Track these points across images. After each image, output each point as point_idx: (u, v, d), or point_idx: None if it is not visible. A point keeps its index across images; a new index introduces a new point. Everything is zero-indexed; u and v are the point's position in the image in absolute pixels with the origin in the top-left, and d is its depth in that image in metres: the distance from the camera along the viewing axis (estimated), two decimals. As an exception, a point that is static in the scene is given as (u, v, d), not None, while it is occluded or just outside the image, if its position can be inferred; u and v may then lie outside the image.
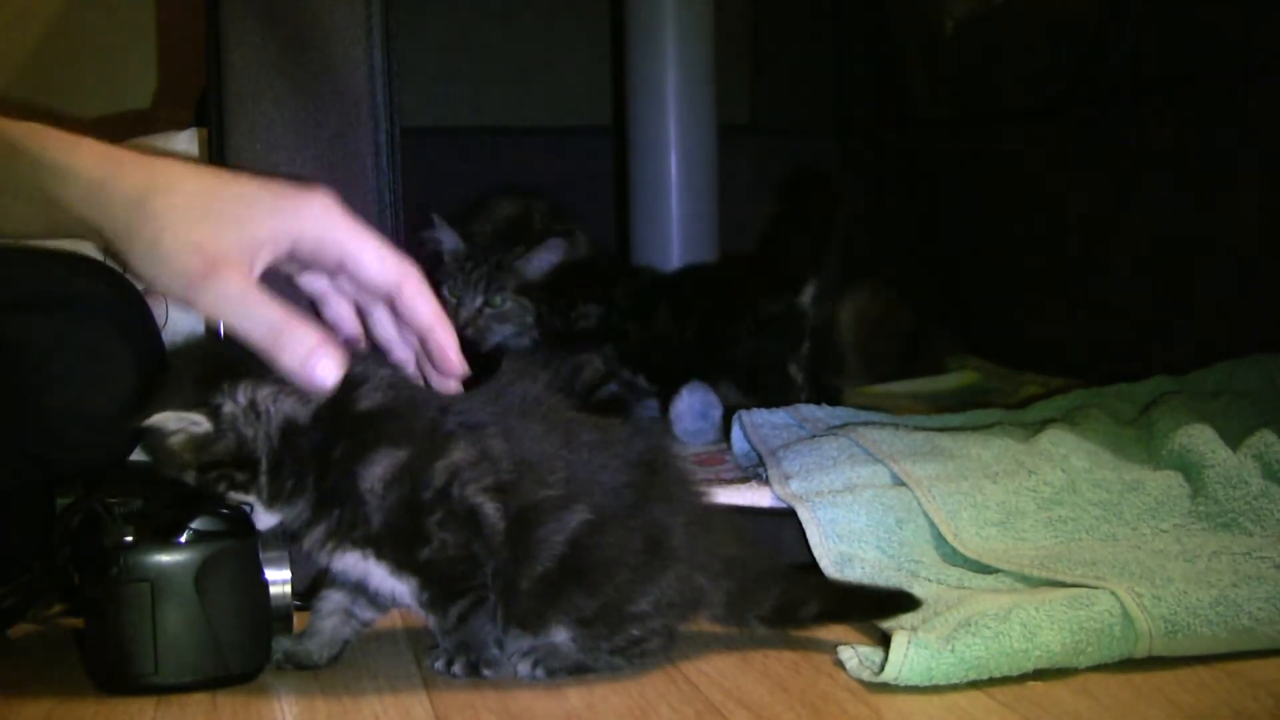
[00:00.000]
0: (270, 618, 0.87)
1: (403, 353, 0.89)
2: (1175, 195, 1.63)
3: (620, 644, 0.85)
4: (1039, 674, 0.83)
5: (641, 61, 2.02)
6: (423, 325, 0.85)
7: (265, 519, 0.84)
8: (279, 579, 0.88)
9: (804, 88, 2.57)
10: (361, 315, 0.90)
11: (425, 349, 0.87)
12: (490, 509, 0.82)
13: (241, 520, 0.84)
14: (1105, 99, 1.78)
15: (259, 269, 0.80)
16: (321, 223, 0.82)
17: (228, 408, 0.81)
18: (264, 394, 0.82)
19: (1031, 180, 1.98)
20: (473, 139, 2.28)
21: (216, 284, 0.78)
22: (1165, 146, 1.65)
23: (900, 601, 0.88)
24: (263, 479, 0.82)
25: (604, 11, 2.30)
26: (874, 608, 0.90)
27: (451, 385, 0.87)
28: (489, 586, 0.83)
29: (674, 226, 2.01)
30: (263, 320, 0.78)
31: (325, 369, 0.78)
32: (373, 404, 0.83)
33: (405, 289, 0.84)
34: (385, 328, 0.89)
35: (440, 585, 0.83)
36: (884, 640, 0.83)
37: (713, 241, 2.05)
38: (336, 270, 0.85)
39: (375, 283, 0.84)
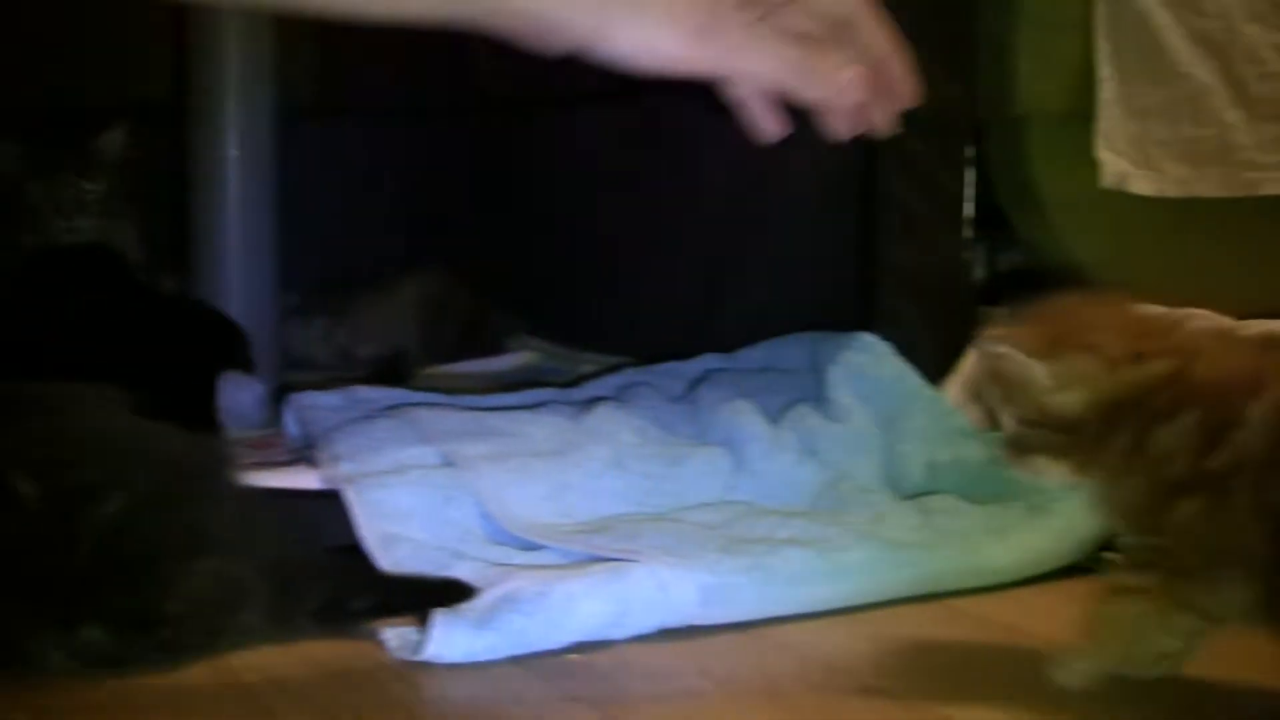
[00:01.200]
0: None
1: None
2: (727, 175, 1.76)
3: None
4: (579, 646, 0.88)
5: (201, 35, 1.92)
6: (882, 53, 0.86)
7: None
8: None
9: (376, 70, 2.55)
10: None
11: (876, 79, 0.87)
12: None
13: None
14: (663, 84, 1.88)
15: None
16: None
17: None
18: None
19: (591, 161, 2.07)
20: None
21: (720, 32, 0.80)
22: (717, 128, 1.77)
23: (454, 591, 0.91)
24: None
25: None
26: (428, 598, 0.92)
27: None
28: None
29: (231, 212, 1.92)
30: (782, 57, 0.81)
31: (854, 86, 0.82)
32: None
33: (862, 15, 0.85)
34: None
35: None
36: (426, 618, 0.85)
37: (274, 230, 1.99)
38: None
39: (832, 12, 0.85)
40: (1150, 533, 0.78)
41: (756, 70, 0.82)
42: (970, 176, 1.43)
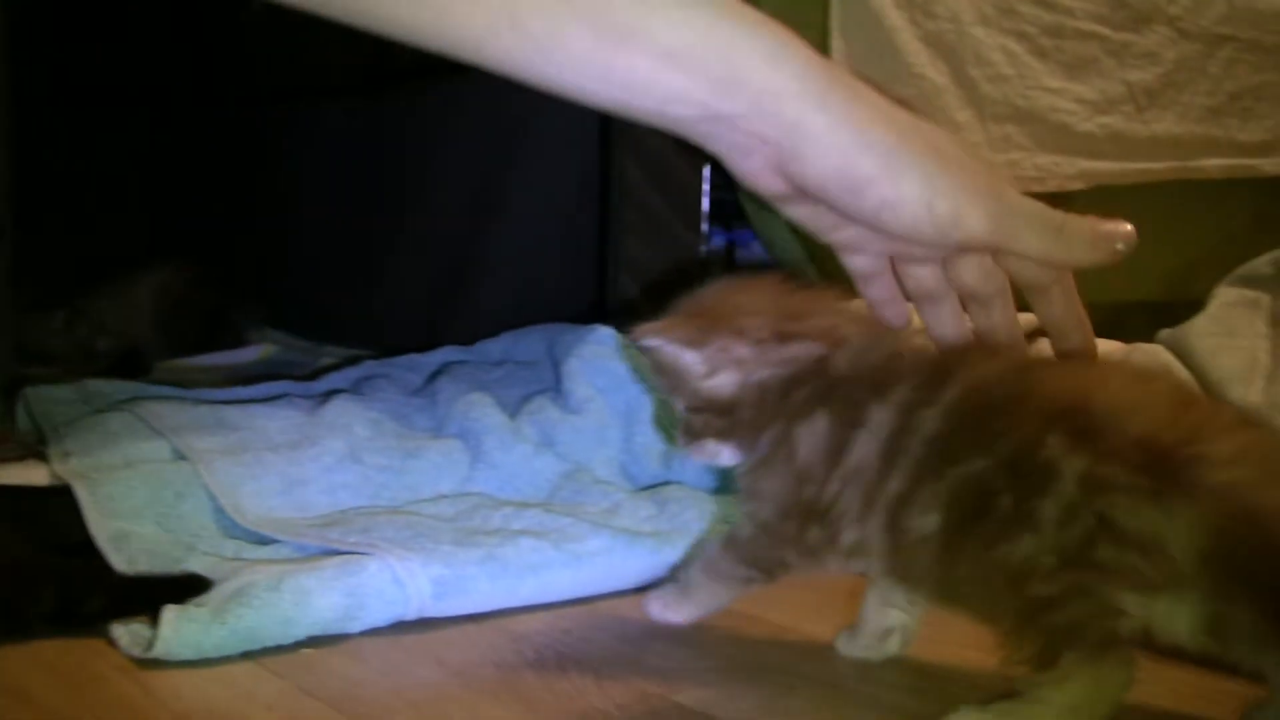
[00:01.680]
0: None
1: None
2: (469, 170, 1.78)
3: None
4: (312, 641, 0.90)
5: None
6: (1071, 326, 0.83)
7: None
8: None
9: (119, 59, 2.47)
10: None
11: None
12: None
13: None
14: (406, 79, 1.90)
15: None
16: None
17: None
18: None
19: (335, 155, 2.07)
20: None
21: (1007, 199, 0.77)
22: (461, 123, 1.80)
23: (189, 585, 0.92)
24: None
25: None
26: (162, 595, 0.92)
27: None
28: None
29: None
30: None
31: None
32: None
33: (1066, 279, 0.82)
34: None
35: None
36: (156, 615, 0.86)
37: (8, 220, 1.91)
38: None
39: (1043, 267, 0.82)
40: (788, 536, 0.86)
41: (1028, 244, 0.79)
42: (707, 171, 1.49)
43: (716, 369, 0.86)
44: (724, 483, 1.19)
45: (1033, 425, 0.72)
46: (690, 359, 0.86)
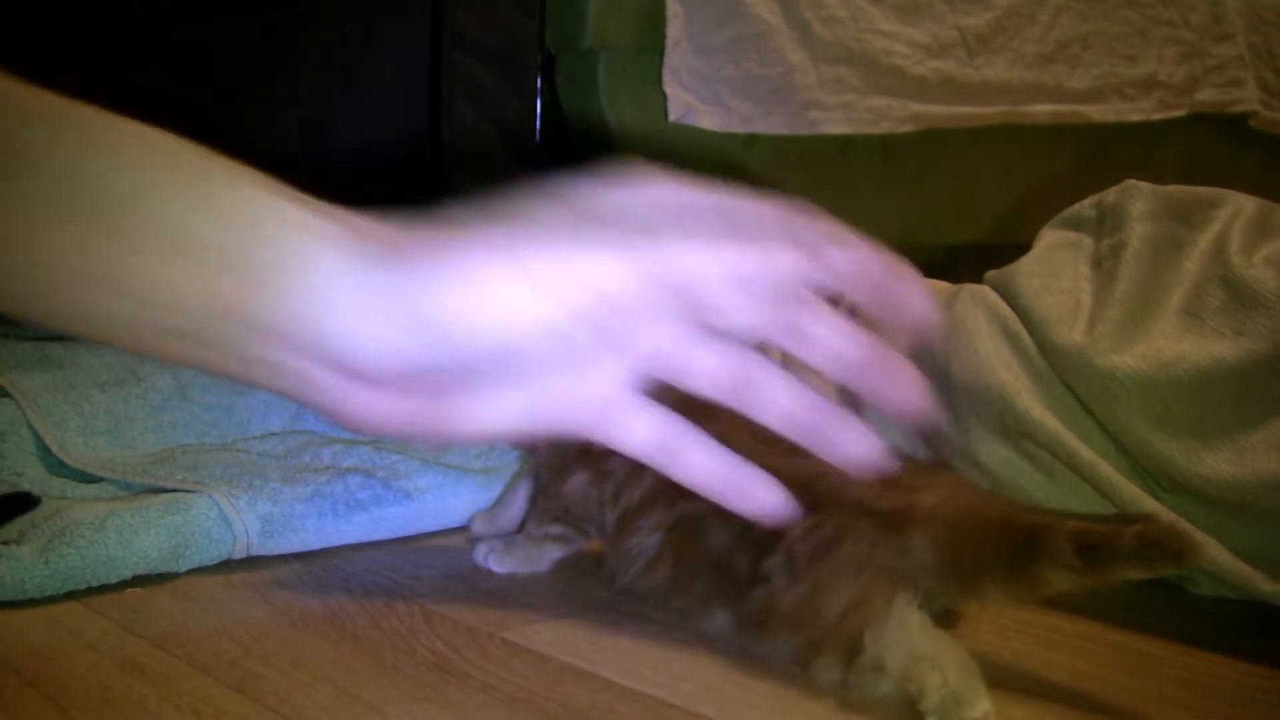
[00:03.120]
0: None
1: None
2: (301, 114, 1.77)
3: None
4: (138, 580, 0.91)
5: None
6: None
7: None
8: None
9: None
10: None
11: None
12: None
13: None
14: (237, 6, 1.87)
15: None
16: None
17: None
18: None
19: (162, 88, 2.03)
20: None
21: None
22: (299, 56, 1.78)
23: (18, 503, 0.94)
24: None
25: None
26: None
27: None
28: None
29: None
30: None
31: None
32: None
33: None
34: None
35: None
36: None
37: None
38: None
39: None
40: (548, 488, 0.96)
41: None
42: (539, 108, 1.51)
43: None
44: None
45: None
46: None
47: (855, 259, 0.67)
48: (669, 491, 0.85)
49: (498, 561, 0.98)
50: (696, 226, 0.63)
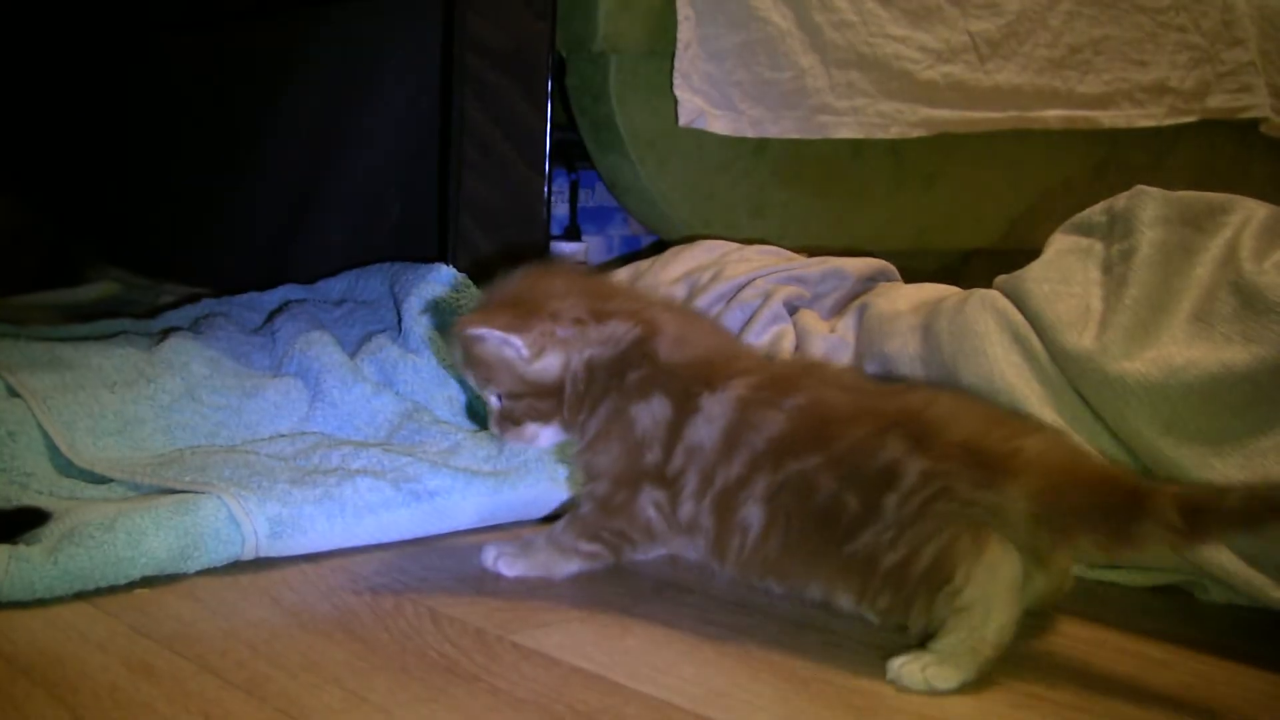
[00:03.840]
0: None
1: None
2: (311, 107, 1.77)
3: None
4: (146, 581, 0.91)
5: None
6: None
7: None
8: None
9: None
10: None
11: None
12: None
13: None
14: (250, 12, 1.87)
15: None
16: None
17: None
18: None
19: (174, 90, 2.04)
20: None
21: None
22: (303, 63, 1.78)
23: (28, 518, 0.93)
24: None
25: None
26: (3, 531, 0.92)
27: None
28: None
29: None
30: None
31: None
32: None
33: None
34: None
35: None
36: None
37: None
38: None
39: None
40: (621, 505, 0.95)
41: None
42: (550, 111, 1.50)
43: (542, 351, 0.94)
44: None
45: (871, 431, 0.85)
46: (516, 344, 0.93)
47: None
48: (775, 454, 0.88)
49: (508, 565, 0.98)
50: None
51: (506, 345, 0.93)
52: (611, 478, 0.95)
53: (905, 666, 0.78)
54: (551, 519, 1.08)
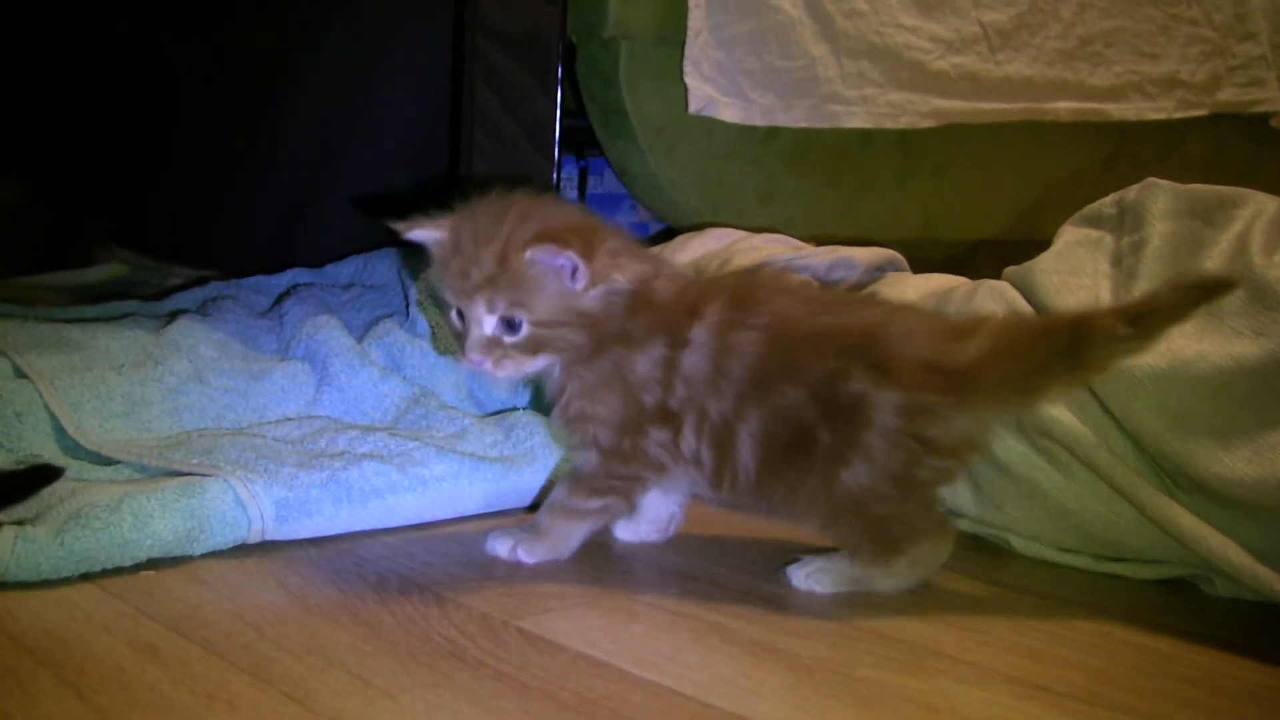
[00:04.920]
0: None
1: None
2: (319, 89, 1.77)
3: None
4: (152, 563, 0.91)
5: None
6: None
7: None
8: None
9: None
10: None
11: None
12: None
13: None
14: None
15: None
16: None
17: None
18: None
19: (179, 72, 2.03)
20: None
21: None
22: (312, 44, 1.78)
23: (42, 474, 0.96)
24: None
25: None
26: (16, 491, 0.94)
27: None
28: None
29: None
30: None
31: None
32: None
33: None
34: None
35: None
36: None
37: None
38: None
39: None
40: (628, 451, 0.96)
41: None
42: (559, 97, 1.50)
43: (601, 281, 0.92)
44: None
45: (836, 359, 0.91)
46: (583, 271, 0.91)
47: None
48: (757, 385, 0.92)
49: (527, 552, 0.97)
50: None
51: (568, 271, 0.91)
52: (615, 426, 0.95)
53: (796, 570, 0.95)
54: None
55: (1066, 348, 0.88)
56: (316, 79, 1.78)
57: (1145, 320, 0.85)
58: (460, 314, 0.94)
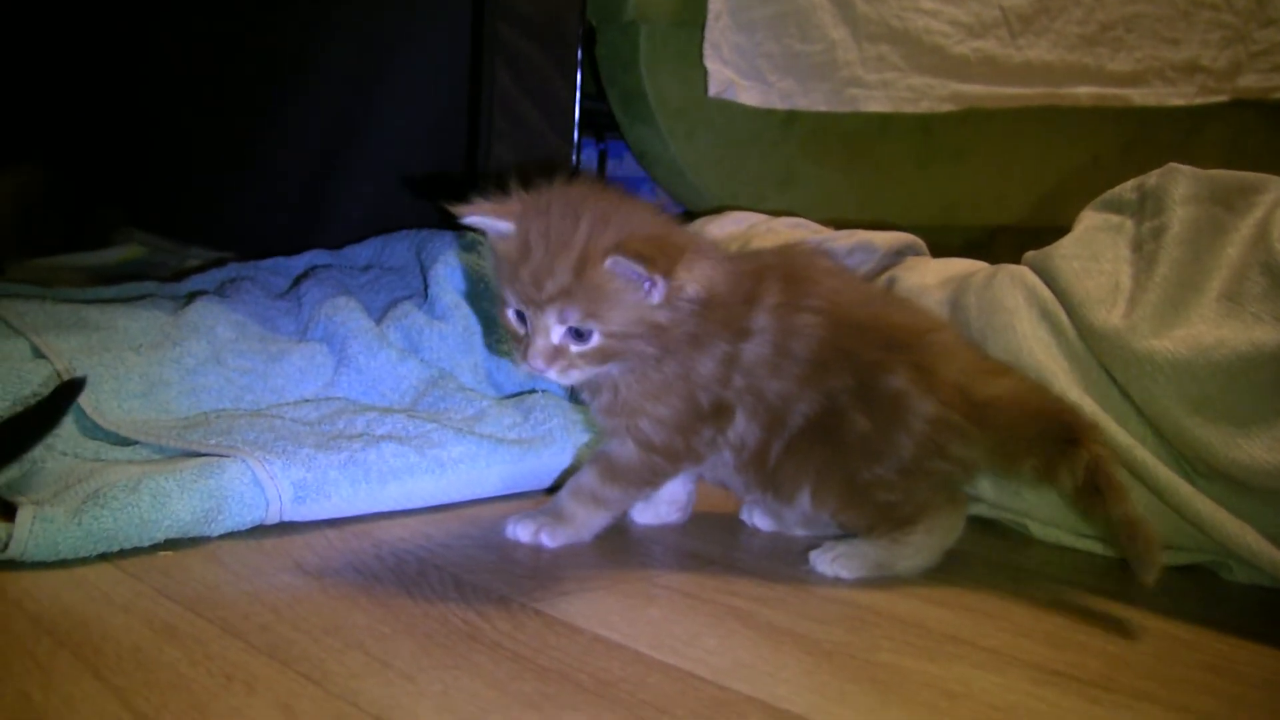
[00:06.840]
0: None
1: None
2: (338, 73, 1.76)
3: None
4: (170, 543, 0.91)
5: None
6: None
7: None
8: None
9: None
10: None
11: None
12: None
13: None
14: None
15: None
16: None
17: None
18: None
19: (197, 54, 2.03)
20: None
21: None
22: (328, 26, 1.78)
23: (68, 390, 1.00)
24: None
25: None
26: (52, 412, 0.99)
27: None
28: None
29: None
30: None
31: None
32: None
33: None
34: None
35: None
36: (11, 515, 0.86)
37: None
38: None
39: None
40: (680, 449, 0.96)
41: None
42: (579, 81, 1.49)
43: (676, 295, 0.90)
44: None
45: (880, 350, 0.93)
46: (661, 287, 0.89)
47: None
48: (816, 369, 0.94)
49: (550, 536, 0.97)
50: None
51: (646, 284, 0.89)
52: (673, 426, 0.95)
53: (819, 556, 0.95)
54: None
55: (1050, 447, 0.92)
56: (337, 61, 1.78)
57: (1097, 491, 0.89)
58: (521, 315, 0.91)
